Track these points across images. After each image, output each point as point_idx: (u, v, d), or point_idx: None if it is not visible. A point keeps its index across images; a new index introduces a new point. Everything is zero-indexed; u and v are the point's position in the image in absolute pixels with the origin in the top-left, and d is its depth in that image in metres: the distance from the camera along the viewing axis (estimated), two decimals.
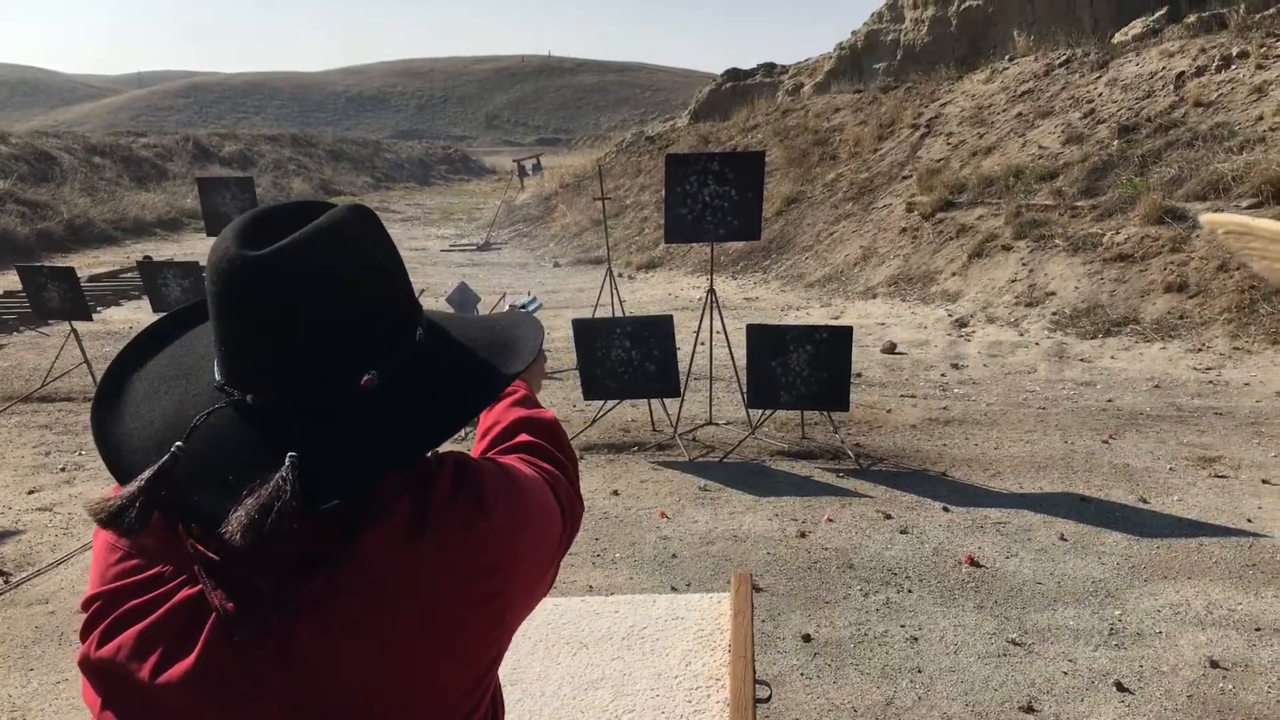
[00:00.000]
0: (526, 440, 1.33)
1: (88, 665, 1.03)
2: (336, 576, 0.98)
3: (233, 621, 0.96)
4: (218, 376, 1.04)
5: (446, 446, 1.15)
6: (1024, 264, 11.27)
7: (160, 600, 1.00)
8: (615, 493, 6.05)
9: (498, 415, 1.41)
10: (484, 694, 1.11)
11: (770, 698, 2.10)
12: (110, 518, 0.97)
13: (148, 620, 1.00)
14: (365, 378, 1.02)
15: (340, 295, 1.01)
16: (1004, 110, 15.67)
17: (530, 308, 1.68)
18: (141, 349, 1.19)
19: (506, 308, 1.65)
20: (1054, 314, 10.12)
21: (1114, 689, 3.78)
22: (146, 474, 0.98)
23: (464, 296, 9.20)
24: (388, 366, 1.04)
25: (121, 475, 1.02)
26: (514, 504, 1.12)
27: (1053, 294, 10.50)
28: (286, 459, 0.95)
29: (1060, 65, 16.02)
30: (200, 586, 0.99)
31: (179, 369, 1.12)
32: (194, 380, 1.08)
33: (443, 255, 20.17)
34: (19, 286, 10.19)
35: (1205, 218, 0.71)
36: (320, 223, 1.02)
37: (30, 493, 6.41)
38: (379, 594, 0.99)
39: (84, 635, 1.04)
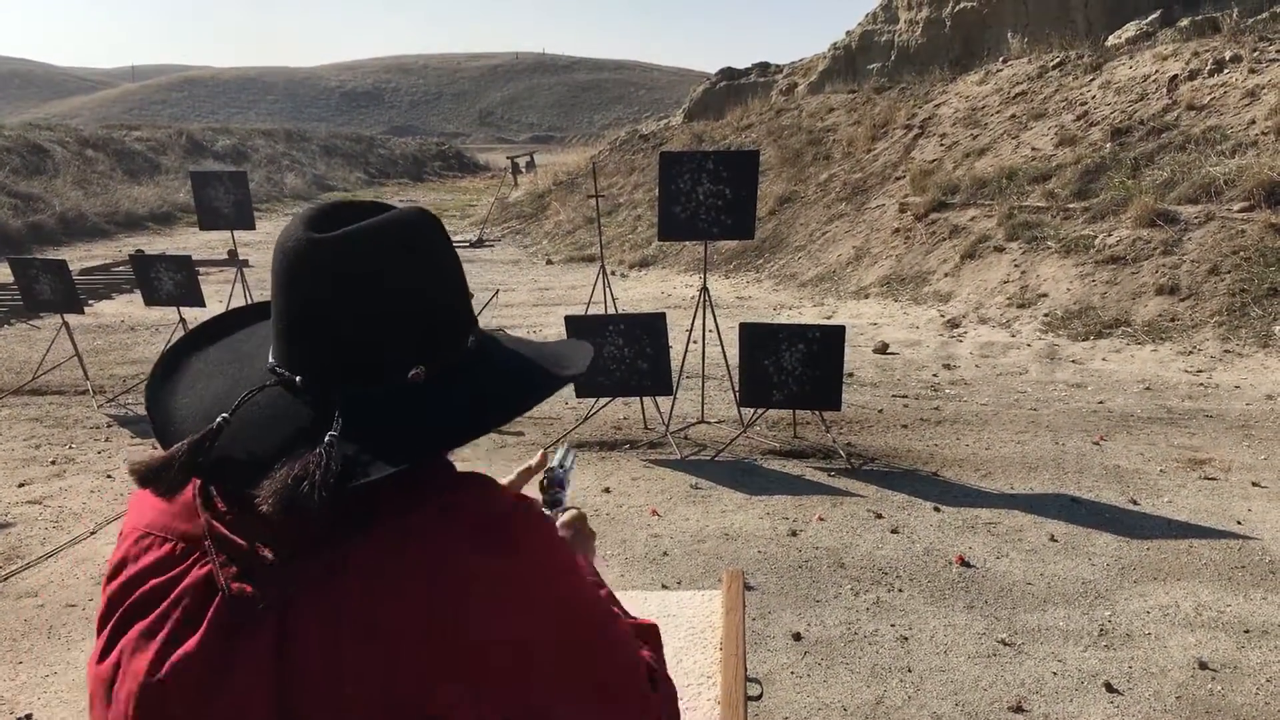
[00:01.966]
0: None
1: (93, 673, 1.05)
2: (342, 561, 0.97)
3: (234, 602, 0.97)
4: (271, 358, 1.08)
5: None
6: (1016, 265, 11.29)
7: (175, 581, 1.01)
8: (606, 490, 6.05)
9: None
10: None
11: (761, 696, 2.10)
12: (149, 476, 1.00)
13: (157, 610, 1.01)
14: (412, 372, 1.04)
15: (394, 288, 1.04)
16: (997, 112, 15.70)
17: (568, 464, 1.61)
18: (205, 334, 1.24)
19: (546, 466, 1.60)
20: (1046, 315, 10.14)
21: (1103, 689, 3.79)
22: (189, 440, 1.01)
23: None
24: (436, 364, 1.06)
25: (166, 443, 1.05)
26: (562, 578, 1.07)
27: (1044, 295, 10.53)
28: (325, 438, 0.97)
29: (1054, 67, 16.06)
30: (208, 568, 1.00)
31: (237, 354, 1.17)
32: (250, 364, 1.12)
33: None
34: (10, 279, 10.16)
35: None
36: (385, 218, 1.05)
37: (20, 485, 6.39)
38: (372, 594, 0.95)
39: (100, 624, 1.07)
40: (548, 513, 1.43)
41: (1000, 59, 18.44)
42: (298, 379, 1.04)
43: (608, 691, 1.08)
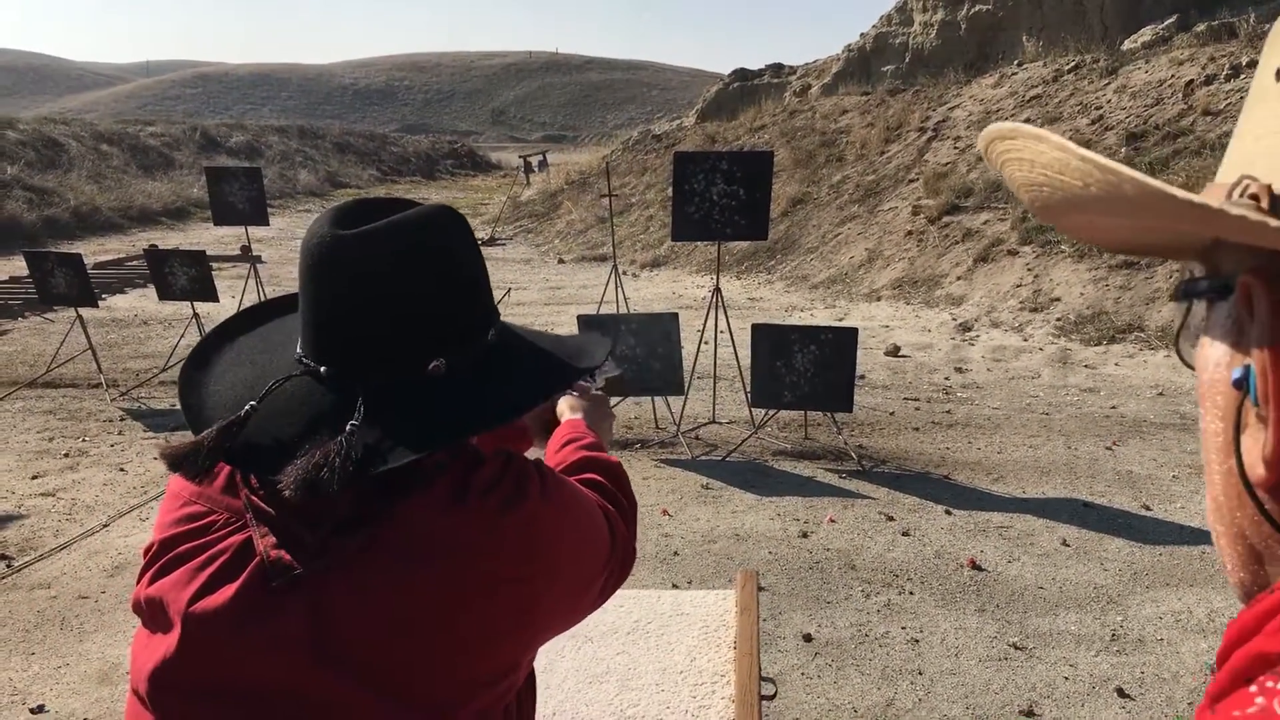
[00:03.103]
0: (589, 476, 1.36)
1: (137, 605, 1.10)
2: (373, 538, 1.02)
3: (273, 568, 1.02)
4: (298, 349, 1.12)
5: None
6: (1029, 269, 11.26)
7: (210, 544, 1.06)
8: None
9: (565, 455, 1.44)
10: (501, 696, 1.11)
11: (775, 695, 2.10)
12: (178, 460, 1.05)
13: (195, 559, 1.06)
14: (433, 364, 1.08)
15: (416, 282, 1.07)
16: (1012, 115, 15.65)
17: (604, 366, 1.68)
18: (239, 324, 1.28)
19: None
20: (1058, 320, 10.11)
21: (1115, 695, 3.78)
22: (217, 425, 1.05)
23: None
24: (457, 357, 1.10)
25: (197, 429, 1.09)
26: (559, 503, 1.14)
27: (1058, 300, 10.50)
28: (346, 427, 1.01)
29: (1069, 71, 16.00)
30: (248, 534, 1.05)
31: (267, 344, 1.21)
32: (279, 354, 1.16)
33: None
34: (25, 272, 10.20)
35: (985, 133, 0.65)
36: (408, 214, 1.09)
37: (34, 478, 6.42)
38: (408, 557, 1.02)
39: (139, 577, 1.11)
40: (575, 394, 1.62)
41: (1015, 62, 18.39)
42: (323, 369, 1.08)
43: (582, 595, 1.22)
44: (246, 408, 1.06)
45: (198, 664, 1.02)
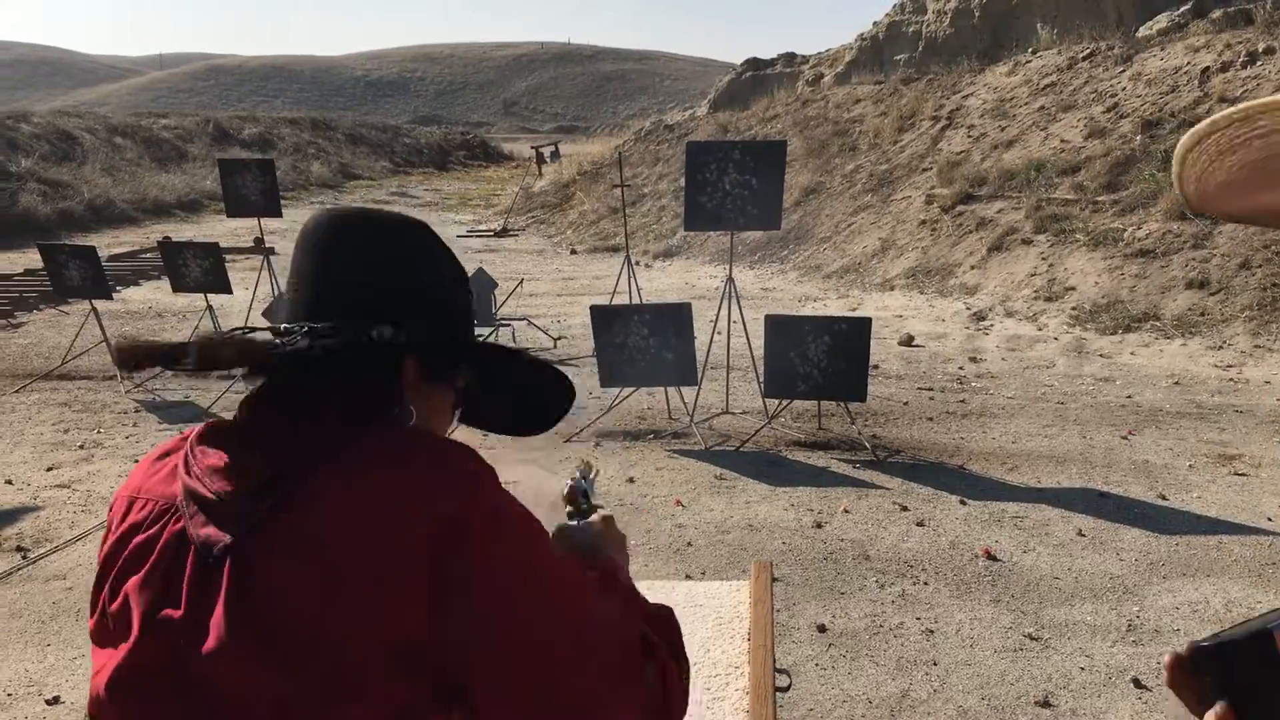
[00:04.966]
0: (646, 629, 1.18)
1: (95, 608, 1.11)
2: (285, 500, 1.00)
3: (203, 546, 1.01)
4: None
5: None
6: (1044, 258, 11.20)
7: (155, 538, 1.07)
8: (631, 480, 6.04)
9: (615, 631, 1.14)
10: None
11: (790, 686, 2.09)
12: (128, 357, 1.09)
13: (144, 569, 1.05)
14: (375, 331, 1.13)
15: (375, 263, 1.19)
16: (1026, 103, 15.57)
17: (590, 475, 1.52)
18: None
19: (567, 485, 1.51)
20: (1073, 309, 10.06)
21: (1131, 686, 3.76)
22: (171, 343, 1.10)
23: (480, 282, 9.21)
24: (409, 326, 1.16)
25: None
26: (494, 505, 1.04)
27: (1072, 289, 10.44)
28: (297, 326, 1.13)
29: (1084, 59, 15.90)
30: (183, 523, 1.05)
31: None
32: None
33: (460, 241, 20.15)
34: (40, 265, 10.24)
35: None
36: (393, 214, 1.26)
37: (49, 469, 6.45)
38: (322, 521, 0.99)
39: (94, 588, 1.12)
40: (576, 523, 1.37)
41: (1029, 50, 18.28)
42: (281, 328, 1.16)
43: (577, 639, 1.04)
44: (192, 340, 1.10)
45: (153, 667, 1.01)
